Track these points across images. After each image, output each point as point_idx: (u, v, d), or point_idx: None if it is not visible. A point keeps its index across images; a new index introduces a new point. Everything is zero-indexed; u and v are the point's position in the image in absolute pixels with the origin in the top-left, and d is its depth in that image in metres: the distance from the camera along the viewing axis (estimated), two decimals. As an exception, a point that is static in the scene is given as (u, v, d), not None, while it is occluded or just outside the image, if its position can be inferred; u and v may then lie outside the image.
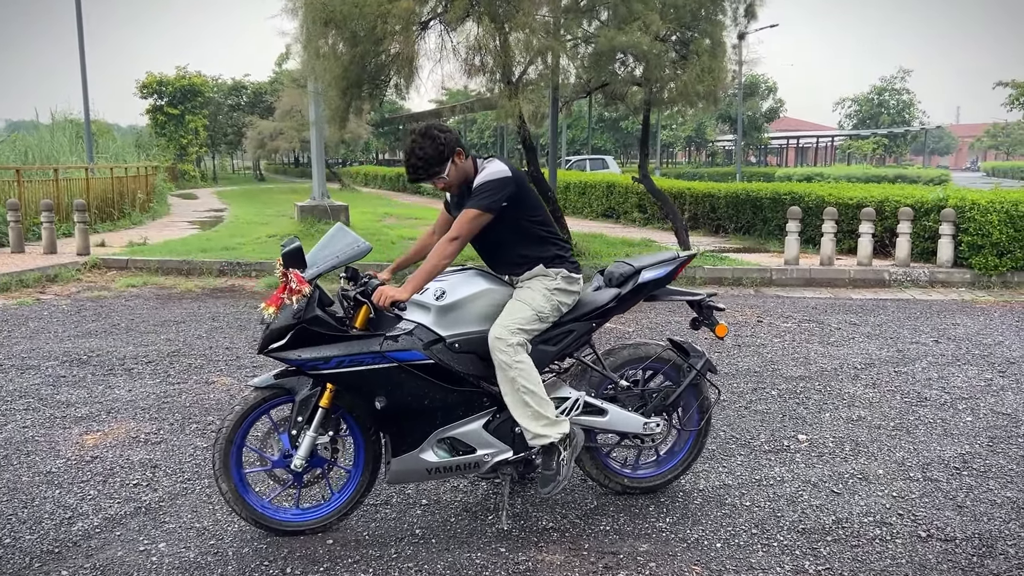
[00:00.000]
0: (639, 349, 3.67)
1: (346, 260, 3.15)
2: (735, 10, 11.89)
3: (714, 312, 3.64)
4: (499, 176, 3.21)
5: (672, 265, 3.60)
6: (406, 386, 3.19)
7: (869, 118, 56.51)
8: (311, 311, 3.06)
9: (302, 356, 3.09)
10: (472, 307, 3.28)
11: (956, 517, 3.52)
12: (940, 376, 5.75)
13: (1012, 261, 9.60)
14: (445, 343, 3.22)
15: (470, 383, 3.29)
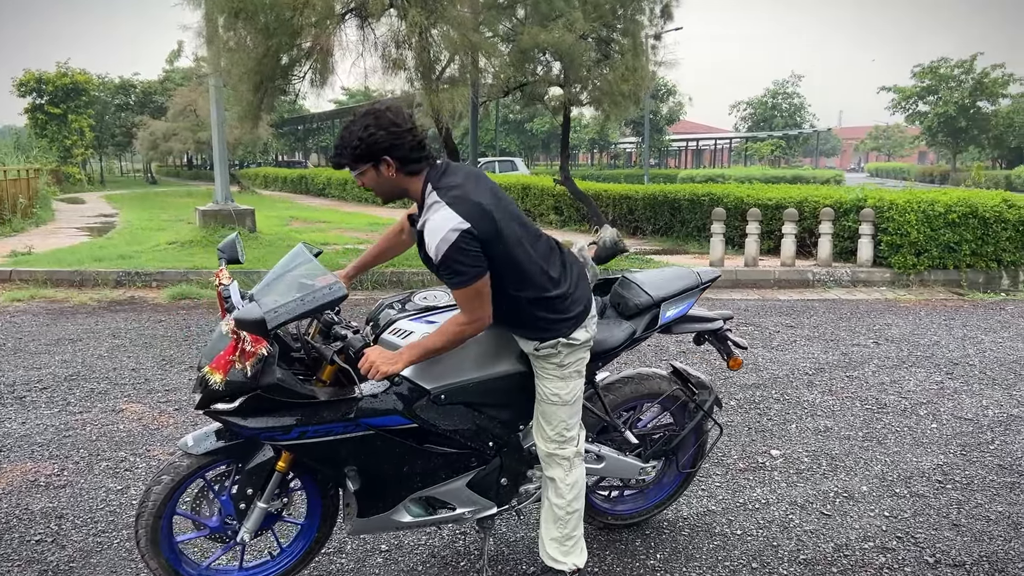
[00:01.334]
0: (642, 384, 3.25)
1: (316, 309, 2.49)
2: (651, 10, 11.83)
3: (730, 343, 3.27)
4: (449, 242, 2.36)
5: (696, 296, 3.22)
6: (382, 454, 2.69)
7: (763, 121, 58.45)
8: (270, 376, 2.45)
9: (256, 425, 2.52)
10: (463, 354, 2.74)
11: (957, 538, 3.33)
12: (892, 380, 5.66)
13: (929, 260, 9.80)
14: (429, 396, 2.70)
15: (457, 443, 2.79)
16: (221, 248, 2.88)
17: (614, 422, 3.16)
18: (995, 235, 9.83)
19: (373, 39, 8.07)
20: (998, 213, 9.83)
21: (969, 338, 6.97)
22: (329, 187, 27.12)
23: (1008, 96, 43.47)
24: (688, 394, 3.32)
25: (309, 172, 31.74)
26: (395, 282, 9.52)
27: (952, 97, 42.09)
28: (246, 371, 2.41)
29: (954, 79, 42.43)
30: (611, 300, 3.20)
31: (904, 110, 45.88)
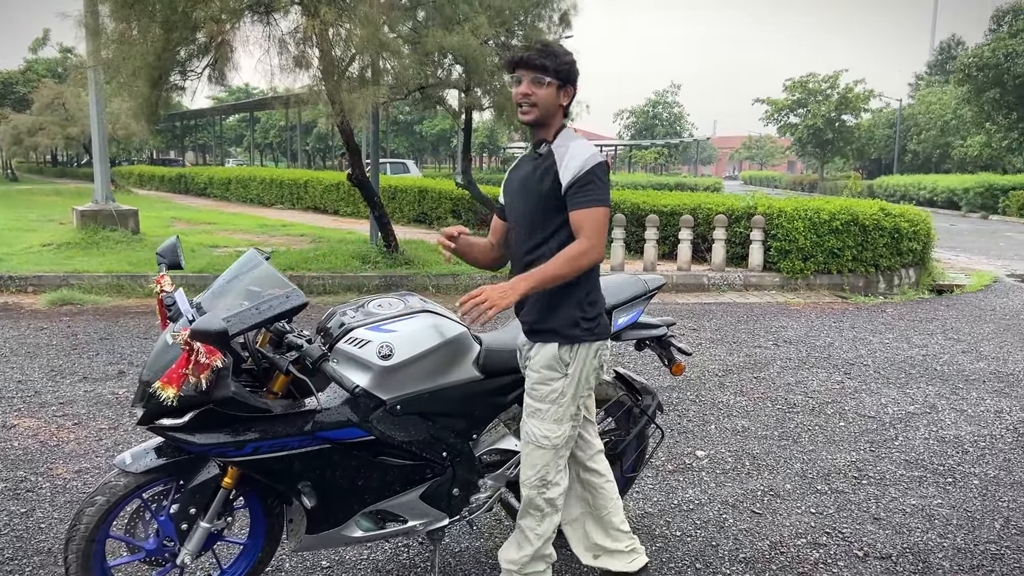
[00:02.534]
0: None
1: (275, 317, 2.39)
2: (551, 18, 11.97)
3: (673, 349, 3.32)
4: (598, 160, 2.49)
5: (645, 303, 3.25)
6: (337, 468, 2.58)
7: (646, 129, 60.27)
8: (224, 389, 2.31)
9: (206, 441, 2.37)
10: (423, 365, 2.66)
11: (879, 531, 3.50)
12: (797, 380, 5.92)
13: (815, 264, 10.33)
14: (385, 407, 2.61)
15: (411, 455, 2.70)
16: (161, 252, 2.71)
17: None
18: (873, 241, 10.47)
19: (278, 35, 7.80)
20: (876, 221, 10.47)
21: (859, 339, 7.38)
22: (211, 187, 26.05)
23: (869, 110, 46.54)
24: (633, 400, 3.36)
25: (188, 171, 30.39)
26: (348, 287, 9.24)
27: (820, 110, 44.62)
28: (200, 384, 2.27)
29: (821, 93, 45.00)
30: None
31: (776, 121, 48.30)
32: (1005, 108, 33.20)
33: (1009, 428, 4.90)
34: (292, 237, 13.68)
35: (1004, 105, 33.08)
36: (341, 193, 18.90)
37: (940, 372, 6.23)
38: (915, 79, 57.39)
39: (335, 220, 17.77)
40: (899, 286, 10.71)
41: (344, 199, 18.82)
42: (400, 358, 2.64)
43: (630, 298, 3.18)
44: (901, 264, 10.89)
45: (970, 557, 3.28)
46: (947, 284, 11.04)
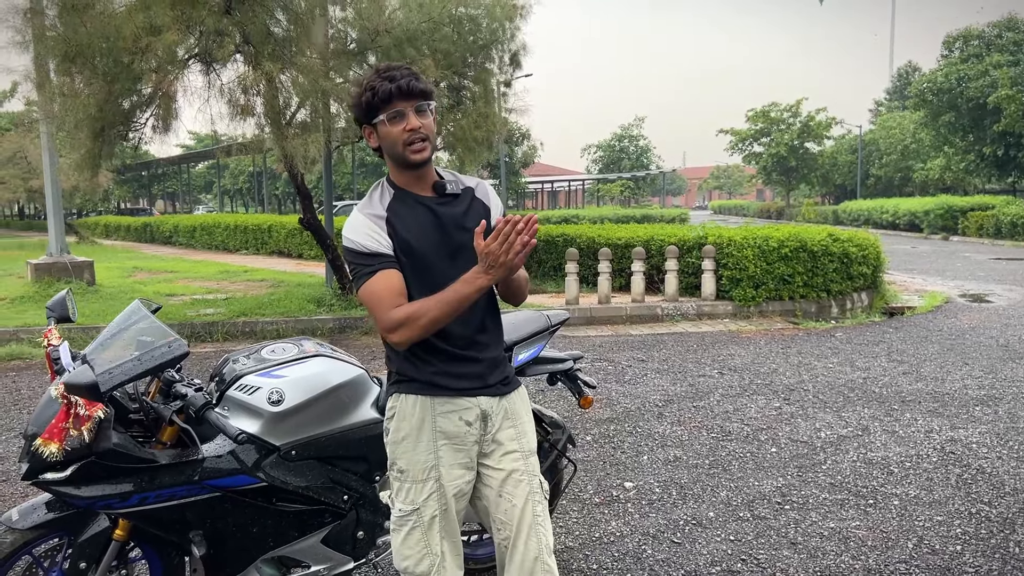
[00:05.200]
0: None
1: (156, 368, 2.38)
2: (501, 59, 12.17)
3: (580, 382, 3.36)
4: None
5: (547, 339, 3.29)
6: (230, 516, 2.59)
7: (613, 163, 60.94)
8: (106, 441, 2.31)
9: (91, 494, 2.36)
10: (316, 409, 2.68)
11: (794, 556, 3.54)
12: (735, 408, 5.98)
13: (766, 292, 10.46)
14: (279, 453, 2.62)
15: (310, 500, 2.70)
16: (50, 306, 2.73)
17: None
18: (823, 267, 10.63)
19: (220, 84, 7.88)
20: (824, 247, 10.65)
21: (803, 365, 7.48)
22: (176, 235, 25.97)
23: (831, 137, 47.47)
24: (542, 434, 3.39)
25: (154, 220, 30.28)
26: (247, 333, 9.20)
27: (783, 139, 45.45)
28: (82, 437, 2.28)
29: (784, 122, 45.85)
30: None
31: (741, 151, 49.09)
32: (961, 131, 33.97)
33: (936, 447, 4.98)
34: (252, 282, 13.65)
35: (960, 128, 33.86)
36: (304, 237, 18.90)
37: (878, 394, 6.32)
38: (875, 105, 58.66)
39: (298, 264, 17.76)
40: (851, 310, 10.87)
41: (307, 243, 18.82)
42: (291, 403, 2.66)
43: (531, 334, 3.23)
44: (853, 288, 11.07)
45: (879, 578, 3.32)
46: (899, 306, 11.21)
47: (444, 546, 2.28)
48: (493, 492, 2.29)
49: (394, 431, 2.29)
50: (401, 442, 2.27)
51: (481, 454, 2.29)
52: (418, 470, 2.25)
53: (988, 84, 30.98)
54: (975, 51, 33.73)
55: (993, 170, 34.44)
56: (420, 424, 2.24)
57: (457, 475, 2.26)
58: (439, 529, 2.26)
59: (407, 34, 9.74)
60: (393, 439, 2.29)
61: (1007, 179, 35.70)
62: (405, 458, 2.26)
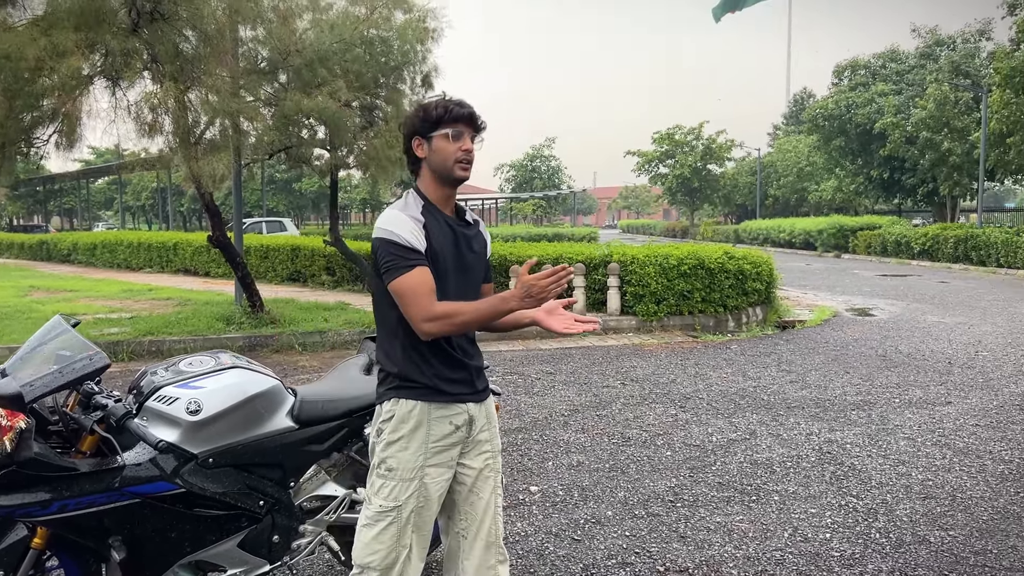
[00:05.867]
0: None
1: (76, 380, 2.49)
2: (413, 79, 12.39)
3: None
4: None
5: None
6: (149, 522, 2.69)
7: (525, 182, 61.77)
8: (27, 451, 2.38)
9: (9, 503, 2.43)
10: (233, 418, 2.81)
11: (683, 548, 3.85)
12: (635, 416, 6.32)
13: (668, 307, 10.96)
14: (197, 460, 2.74)
15: (227, 505, 2.83)
16: None
17: None
18: (720, 284, 11.21)
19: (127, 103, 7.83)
20: (721, 264, 11.23)
21: (700, 375, 7.91)
22: (75, 252, 25.05)
23: (732, 159, 49.42)
24: None
25: (51, 237, 29.10)
26: (154, 352, 9.09)
27: (687, 161, 47.06)
28: (3, 447, 2.36)
29: (687, 144, 47.49)
30: (376, 357, 3.42)
31: (647, 172, 50.57)
32: (851, 155, 35.99)
33: (815, 448, 5.42)
34: (157, 301, 13.38)
35: (849, 152, 35.87)
36: (212, 254, 18.58)
37: (766, 401, 6.77)
38: (773, 129, 61.34)
39: (205, 282, 17.44)
40: (747, 324, 11.47)
41: (215, 260, 18.51)
42: (208, 413, 2.80)
43: None
44: (748, 303, 11.68)
45: (757, 564, 3.65)
46: (791, 320, 11.89)
47: (413, 539, 2.49)
48: (465, 488, 2.57)
49: (390, 432, 2.49)
50: (395, 443, 2.48)
51: (461, 453, 2.55)
52: (406, 469, 2.46)
53: (874, 111, 32.99)
54: (862, 80, 35.88)
55: (880, 192, 36.59)
56: (416, 427, 2.47)
57: (440, 474, 2.50)
58: (412, 525, 2.48)
59: (319, 54, 9.86)
60: (387, 440, 2.49)
61: (893, 200, 37.96)
62: (396, 458, 2.47)
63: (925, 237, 25.05)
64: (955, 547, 3.80)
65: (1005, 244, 21.32)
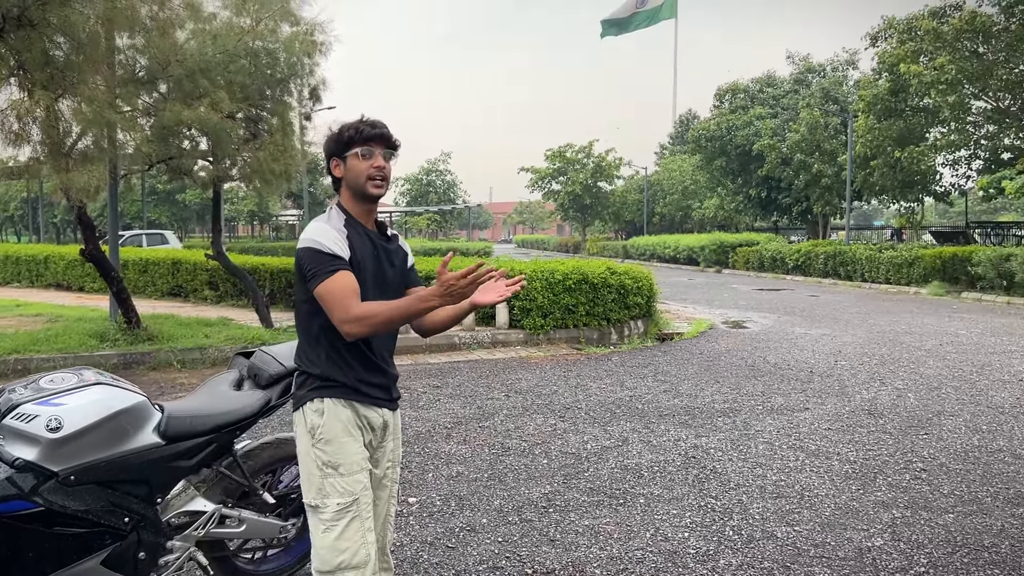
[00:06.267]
0: (281, 448, 3.49)
1: None
2: (300, 92, 12.30)
3: None
4: None
5: None
6: (5, 541, 2.64)
7: (420, 196, 61.68)
8: None
9: None
10: (95, 435, 2.77)
11: (552, 550, 4.02)
12: (516, 426, 6.49)
13: (554, 321, 11.24)
14: (58, 478, 2.69)
15: (90, 523, 2.79)
16: None
17: (253, 485, 3.38)
18: (603, 298, 11.58)
19: (-11, 110, 7.48)
20: (604, 279, 11.61)
21: (580, 386, 8.18)
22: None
23: (621, 177, 50.87)
24: None
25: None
26: (20, 371, 8.66)
27: (578, 178, 48.13)
28: None
29: (578, 162, 48.60)
30: (248, 372, 3.45)
31: (540, 188, 51.42)
32: (731, 174, 37.65)
33: (681, 453, 5.72)
34: (26, 318, 12.72)
35: (730, 172, 37.52)
36: (87, 268, 17.77)
37: (640, 410, 7.08)
38: (660, 148, 63.45)
39: (79, 297, 16.67)
40: (628, 336, 11.88)
41: (90, 275, 17.71)
42: (70, 430, 2.77)
43: None
44: (630, 316, 12.10)
45: (619, 563, 3.87)
46: (670, 332, 12.39)
47: (372, 536, 2.60)
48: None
49: (324, 430, 2.58)
50: (333, 440, 2.57)
51: (371, 459, 2.69)
52: (353, 461, 2.58)
53: (753, 133, 34.67)
54: (742, 103, 37.65)
55: (759, 210, 38.45)
56: (348, 421, 2.60)
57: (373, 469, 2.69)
58: (370, 518, 2.59)
59: (201, 65, 9.69)
60: (324, 437, 2.58)
61: (771, 218, 39.93)
62: (340, 454, 2.57)
63: (798, 253, 26.49)
64: (798, 541, 4.13)
65: (868, 260, 22.82)
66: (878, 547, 4.04)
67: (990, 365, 9.32)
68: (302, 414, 2.65)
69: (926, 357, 9.92)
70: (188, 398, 3.32)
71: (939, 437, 6.14)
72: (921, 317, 14.55)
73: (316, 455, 2.59)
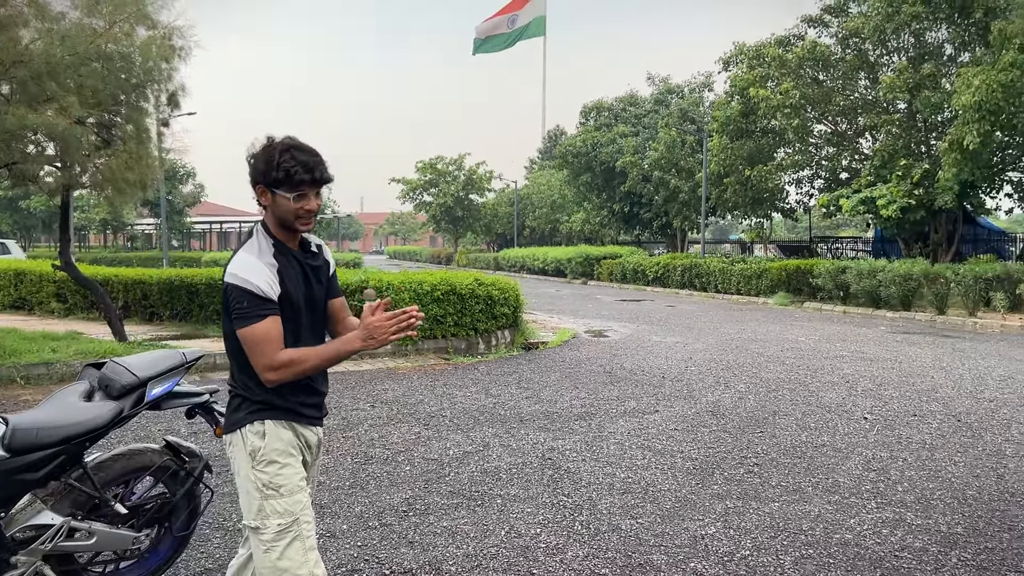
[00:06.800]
0: (134, 459, 3.47)
1: None
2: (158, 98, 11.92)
3: (215, 413, 3.64)
4: None
5: (181, 374, 3.54)
6: None
7: (287, 206, 60.18)
8: None
9: None
10: None
11: (410, 551, 4.16)
12: (380, 435, 6.58)
13: (422, 331, 11.36)
14: None
15: None
16: None
17: (104, 497, 3.35)
18: (470, 308, 11.81)
19: None
20: (471, 290, 11.84)
21: (446, 395, 8.34)
22: None
23: (492, 190, 51.53)
24: (179, 464, 3.65)
25: None
26: None
27: (449, 190, 48.41)
28: None
29: (450, 174, 48.89)
30: (99, 383, 3.41)
31: (412, 199, 51.36)
32: (596, 189, 38.88)
33: (539, 455, 5.99)
34: None
35: (595, 187, 38.74)
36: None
37: (503, 416, 7.32)
38: (530, 163, 64.71)
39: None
40: (496, 346, 12.15)
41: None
42: None
43: (167, 369, 3.51)
44: (497, 327, 12.38)
45: (474, 560, 4.05)
46: (535, 342, 12.76)
47: (315, 554, 2.62)
48: None
49: (265, 451, 2.58)
50: (275, 461, 2.58)
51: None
52: (293, 483, 2.59)
53: (616, 150, 35.99)
54: (606, 121, 39.02)
55: (622, 224, 39.89)
56: (289, 442, 2.62)
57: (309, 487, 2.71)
58: (311, 536, 2.60)
59: (48, 67, 9.27)
60: (266, 459, 2.57)
61: (633, 232, 41.51)
62: (280, 475, 2.57)
63: (658, 266, 27.71)
64: (640, 532, 4.45)
65: (721, 272, 24.18)
66: (711, 534, 4.42)
67: (822, 369, 10.17)
68: (241, 436, 2.62)
69: (767, 362, 10.70)
70: (35, 409, 3.26)
71: (772, 435, 6.69)
72: (767, 325, 15.60)
73: (257, 477, 2.58)
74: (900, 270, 18.09)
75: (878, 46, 23.78)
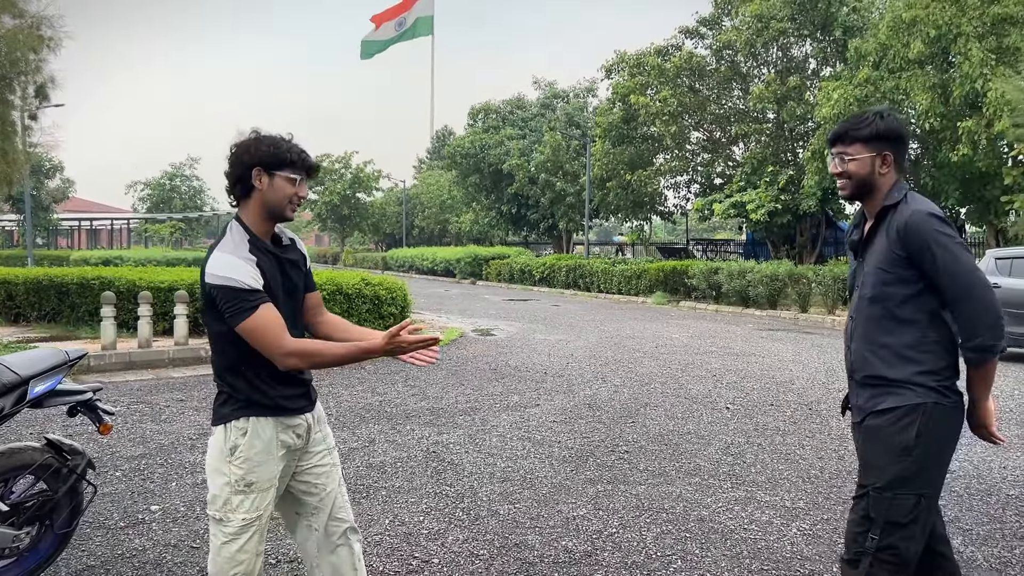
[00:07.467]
0: (13, 457, 3.45)
1: None
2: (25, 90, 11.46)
3: (99, 411, 3.66)
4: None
5: (65, 372, 3.55)
6: None
7: (163, 202, 57.95)
8: None
9: None
10: None
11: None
12: (265, 434, 6.62)
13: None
14: None
15: None
16: None
17: None
18: (357, 308, 11.88)
19: None
20: (358, 290, 11.92)
21: (332, 394, 8.40)
22: None
23: (381, 189, 51.20)
24: (61, 461, 3.67)
25: None
26: None
27: (336, 188, 47.79)
28: None
29: (336, 172, 48.26)
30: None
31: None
32: (484, 191, 39.31)
33: (423, 450, 6.20)
34: None
35: (484, 188, 39.16)
36: None
37: (389, 413, 7.48)
38: (419, 162, 64.59)
39: None
40: (382, 345, 12.25)
41: None
42: None
43: (49, 368, 3.53)
44: (385, 327, 12.44)
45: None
46: (422, 341, 12.91)
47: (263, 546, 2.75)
48: (309, 484, 2.83)
49: (246, 447, 2.63)
50: (253, 457, 2.63)
51: (300, 457, 2.82)
52: (265, 480, 2.66)
53: (503, 152, 36.50)
54: (494, 123, 39.50)
55: (510, 225, 40.48)
56: (270, 441, 2.66)
57: (285, 479, 2.76)
58: (265, 529, 2.72)
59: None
60: (246, 455, 2.62)
61: (521, 233, 42.17)
62: (256, 472, 2.64)
63: (544, 266, 28.35)
64: (518, 516, 4.74)
65: (603, 272, 24.99)
66: (582, 515, 4.75)
67: (693, 363, 10.81)
68: (224, 431, 2.67)
69: (643, 358, 11.27)
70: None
71: (643, 424, 7.14)
72: (644, 323, 16.32)
73: (231, 471, 2.63)
74: (767, 271, 19.25)
75: (749, 58, 25.16)
